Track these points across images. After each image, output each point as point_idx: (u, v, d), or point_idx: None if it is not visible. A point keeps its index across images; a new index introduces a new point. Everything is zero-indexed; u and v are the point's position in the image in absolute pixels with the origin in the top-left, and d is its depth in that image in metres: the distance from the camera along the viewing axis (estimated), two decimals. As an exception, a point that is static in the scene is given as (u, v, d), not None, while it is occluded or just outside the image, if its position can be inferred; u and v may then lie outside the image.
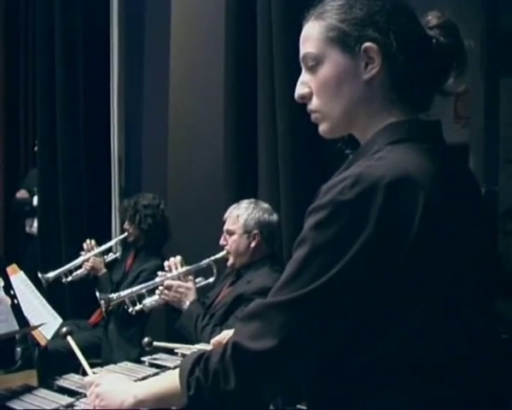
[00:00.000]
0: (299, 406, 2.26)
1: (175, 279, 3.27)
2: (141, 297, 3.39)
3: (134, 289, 3.45)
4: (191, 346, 2.60)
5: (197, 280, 3.34)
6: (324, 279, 1.24)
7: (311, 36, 1.42)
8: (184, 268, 3.30)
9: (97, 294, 4.04)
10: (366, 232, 1.22)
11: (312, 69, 1.42)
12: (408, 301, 1.27)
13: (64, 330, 2.39)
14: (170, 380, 1.54)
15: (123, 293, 3.47)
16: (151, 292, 3.38)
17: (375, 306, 1.26)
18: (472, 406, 1.32)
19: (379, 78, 1.38)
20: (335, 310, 1.27)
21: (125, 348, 3.97)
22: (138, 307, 3.38)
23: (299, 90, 1.46)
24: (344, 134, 1.50)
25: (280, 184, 3.59)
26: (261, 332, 1.30)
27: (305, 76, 1.45)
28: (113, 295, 3.48)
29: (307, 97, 1.45)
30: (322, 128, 1.47)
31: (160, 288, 3.28)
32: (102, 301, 3.60)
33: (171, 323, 3.50)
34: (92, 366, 2.25)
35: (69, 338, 2.35)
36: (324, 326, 1.28)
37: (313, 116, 1.47)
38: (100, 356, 4.06)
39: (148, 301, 3.37)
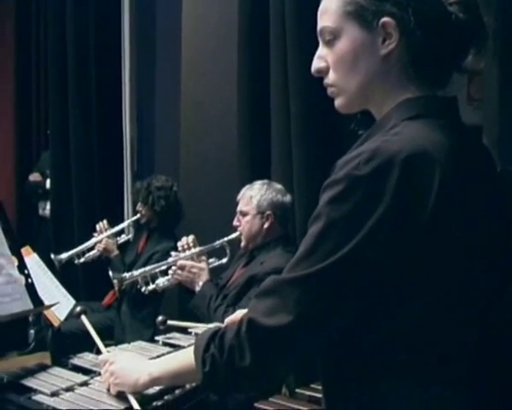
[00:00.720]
0: (312, 385, 2.26)
1: (188, 260, 3.26)
2: (154, 277, 3.39)
3: (147, 268, 3.45)
4: (205, 325, 2.59)
5: (210, 261, 3.34)
6: (339, 255, 1.23)
7: (329, 9, 1.40)
8: (197, 249, 3.29)
9: (110, 273, 4.05)
10: (382, 207, 1.20)
11: (329, 43, 1.41)
12: (422, 279, 1.25)
13: (78, 309, 2.39)
14: (185, 357, 1.54)
15: (136, 272, 3.46)
16: (164, 272, 3.37)
17: (389, 282, 1.25)
18: (483, 390, 1.31)
19: (396, 53, 1.36)
20: (350, 286, 1.26)
21: (137, 330, 3.98)
22: (151, 286, 3.37)
23: (316, 64, 1.44)
24: (359, 109, 1.49)
25: (293, 166, 3.58)
26: (276, 308, 1.29)
27: (322, 50, 1.44)
28: (126, 275, 3.48)
29: (324, 71, 1.43)
30: (338, 103, 1.46)
31: (173, 268, 3.28)
32: (115, 281, 3.60)
33: (183, 304, 3.50)
34: (105, 347, 2.25)
35: (83, 317, 2.35)
36: (339, 302, 1.27)
37: (329, 90, 1.45)
38: (113, 338, 4.07)
39: (161, 281, 3.36)
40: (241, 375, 1.35)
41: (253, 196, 3.23)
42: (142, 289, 3.42)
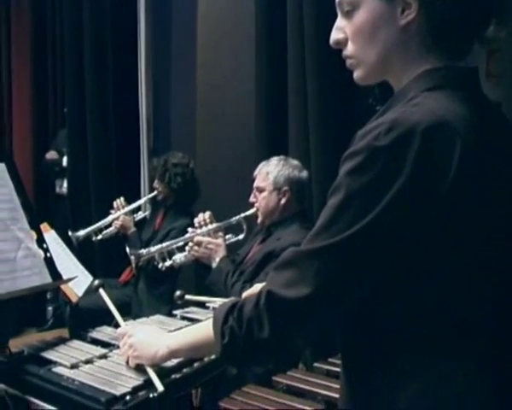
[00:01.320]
0: (330, 359, 2.26)
1: (205, 236, 3.26)
2: (171, 253, 3.39)
3: (164, 244, 3.45)
4: (223, 299, 2.60)
5: (227, 237, 3.33)
6: (359, 226, 1.22)
7: None
8: (214, 225, 3.30)
9: (127, 249, 4.07)
10: (402, 179, 1.19)
11: (348, 14, 1.39)
12: (441, 250, 1.24)
13: (96, 282, 2.40)
14: (203, 330, 1.55)
15: (153, 249, 3.47)
16: (181, 249, 3.38)
17: (408, 254, 1.24)
18: (504, 363, 1.31)
19: (415, 24, 1.34)
20: (370, 257, 1.25)
21: (154, 306, 4.00)
22: (168, 262, 3.37)
23: (335, 35, 1.43)
24: (378, 81, 1.47)
25: (310, 142, 3.57)
26: (295, 280, 1.28)
27: (340, 21, 1.42)
28: (143, 251, 3.48)
29: (342, 43, 1.42)
30: (357, 74, 1.44)
31: (190, 244, 3.28)
32: (132, 257, 3.62)
33: (200, 281, 3.52)
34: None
35: (101, 290, 2.36)
36: (358, 274, 1.26)
37: (348, 62, 1.44)
38: (130, 314, 4.09)
39: (178, 257, 3.36)
40: (259, 347, 1.35)
41: (270, 171, 3.22)
42: (159, 266, 3.42)
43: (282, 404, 1.90)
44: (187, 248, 3.31)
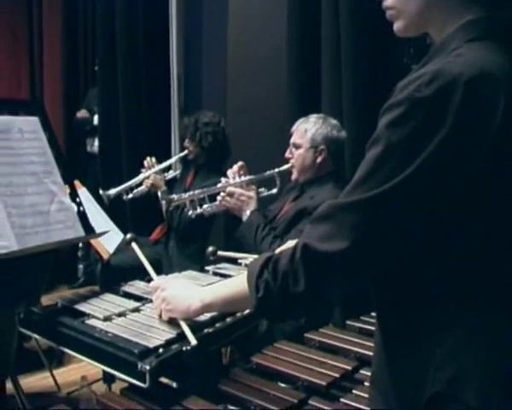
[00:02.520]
0: (362, 317, 2.25)
1: (237, 187, 3.24)
2: (202, 202, 3.35)
3: (196, 191, 3.40)
4: (255, 256, 2.59)
5: (259, 190, 3.30)
6: (398, 179, 1.19)
7: None
8: (247, 177, 3.26)
9: (159, 194, 4.05)
10: (443, 130, 1.16)
11: (388, -36, 1.36)
12: (480, 205, 1.22)
13: (128, 236, 2.40)
14: (237, 283, 1.54)
15: (184, 195, 3.41)
16: (212, 198, 3.33)
17: (446, 208, 1.22)
18: None
19: (457, -28, 1.30)
20: (408, 211, 1.23)
21: (185, 265, 3.99)
22: (199, 211, 3.34)
23: (375, -15, 1.40)
24: (418, 33, 1.43)
25: (343, 101, 3.53)
26: (332, 233, 1.27)
27: (380, -29, 1.39)
28: (175, 196, 3.44)
29: (382, -7, 1.39)
30: (397, 26, 1.40)
31: (222, 194, 3.25)
32: (163, 202, 3.58)
33: (231, 241, 3.50)
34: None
35: (134, 244, 2.36)
36: (396, 228, 1.24)
37: (388, 13, 1.40)
38: (161, 272, 4.11)
39: (209, 206, 3.32)
40: (294, 301, 1.34)
41: (308, 129, 3.18)
42: (189, 213, 3.37)
43: (314, 360, 1.90)
44: (218, 197, 3.27)
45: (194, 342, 1.71)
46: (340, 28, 3.50)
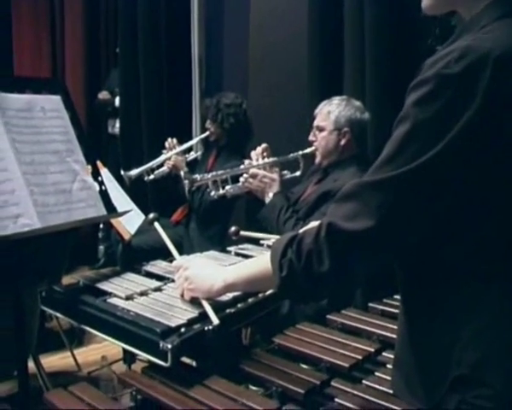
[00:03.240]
0: (385, 300, 2.24)
1: (260, 169, 3.22)
2: (224, 183, 3.34)
3: (219, 172, 3.39)
4: (278, 237, 2.57)
5: (283, 173, 3.28)
6: (426, 157, 1.18)
7: None
8: (271, 159, 3.24)
9: (181, 173, 4.04)
10: (472, 108, 1.15)
11: None
12: (505, 185, 1.21)
13: (151, 216, 2.39)
14: (261, 263, 1.53)
15: (207, 175, 3.41)
16: (235, 180, 3.32)
17: (472, 186, 1.21)
18: None
19: None
20: (435, 190, 1.22)
21: (205, 247, 3.98)
22: (221, 191, 3.32)
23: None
24: (447, 11, 1.41)
25: (366, 83, 3.49)
26: (357, 212, 1.25)
27: None
28: (198, 176, 3.43)
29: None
30: (425, 3, 1.38)
31: (245, 175, 3.23)
32: (186, 181, 3.56)
33: (252, 224, 3.48)
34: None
35: (156, 224, 2.35)
36: (422, 206, 1.23)
37: (417, -11, 1.38)
38: (182, 254, 4.10)
39: (231, 187, 3.31)
40: (318, 280, 1.33)
41: (331, 111, 3.15)
42: (212, 194, 3.36)
43: (336, 342, 1.88)
44: (241, 179, 3.25)
45: (216, 321, 1.70)
46: (364, 9, 3.45)
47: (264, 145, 3.29)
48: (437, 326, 1.31)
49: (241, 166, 3.28)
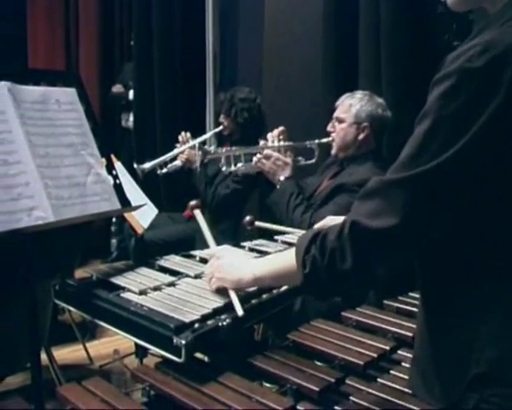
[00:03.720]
0: (400, 297, 2.22)
1: (275, 151, 3.20)
2: (237, 160, 3.32)
3: (233, 148, 3.37)
4: (292, 229, 2.57)
5: (297, 159, 3.26)
6: (449, 154, 1.17)
7: None
8: (287, 143, 3.22)
9: (195, 143, 4.02)
10: (496, 102, 1.14)
11: None
12: None
13: (193, 202, 2.38)
14: (287, 259, 1.52)
15: (221, 149, 3.40)
16: (248, 159, 3.30)
17: (495, 182, 1.20)
18: None
19: None
20: (458, 186, 1.21)
21: (218, 241, 3.99)
22: (233, 168, 3.30)
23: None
24: (472, 7, 1.39)
25: (382, 79, 3.46)
26: (381, 210, 1.25)
27: None
28: (211, 149, 3.42)
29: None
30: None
31: (258, 155, 3.22)
32: (200, 152, 3.54)
33: (264, 219, 3.47)
34: (188, 257, 2.30)
35: (197, 211, 2.34)
36: (446, 203, 1.23)
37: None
38: (194, 248, 4.10)
39: (243, 165, 3.28)
40: (341, 278, 1.34)
41: (353, 104, 3.13)
42: (223, 169, 3.33)
43: (351, 339, 1.87)
44: (254, 158, 3.23)
45: (241, 312, 1.69)
46: (380, 4, 3.43)
47: (281, 128, 3.28)
48: (456, 324, 1.31)
49: (256, 146, 3.26)
